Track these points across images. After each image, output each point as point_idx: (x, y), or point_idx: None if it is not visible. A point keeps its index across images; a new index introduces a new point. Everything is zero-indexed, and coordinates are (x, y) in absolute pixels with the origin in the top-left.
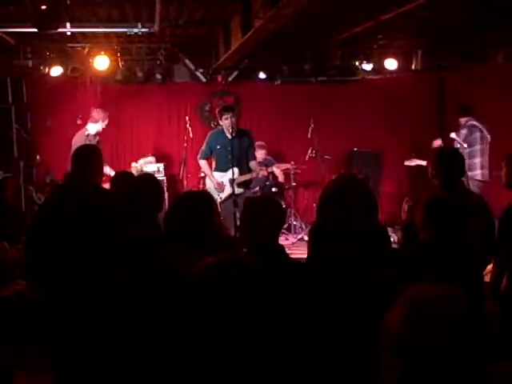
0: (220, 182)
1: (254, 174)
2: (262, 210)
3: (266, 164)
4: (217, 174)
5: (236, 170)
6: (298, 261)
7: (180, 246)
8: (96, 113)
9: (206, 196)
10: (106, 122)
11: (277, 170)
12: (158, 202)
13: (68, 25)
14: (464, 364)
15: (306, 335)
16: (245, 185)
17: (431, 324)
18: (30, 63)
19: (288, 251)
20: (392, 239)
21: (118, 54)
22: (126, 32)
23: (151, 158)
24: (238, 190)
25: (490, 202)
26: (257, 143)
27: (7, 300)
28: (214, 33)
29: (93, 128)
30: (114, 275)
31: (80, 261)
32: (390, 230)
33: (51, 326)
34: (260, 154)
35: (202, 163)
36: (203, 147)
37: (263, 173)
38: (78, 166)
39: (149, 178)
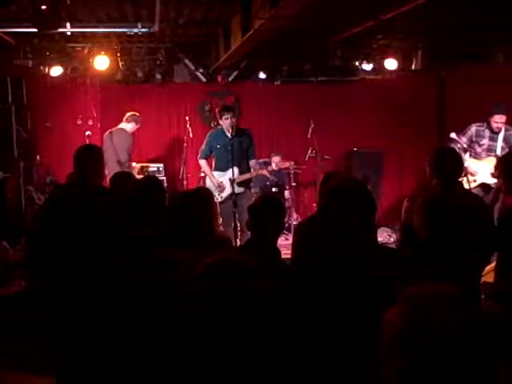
0: (220, 182)
1: (253, 173)
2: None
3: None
4: (217, 174)
5: (236, 169)
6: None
7: (179, 245)
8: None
9: (204, 194)
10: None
11: (277, 165)
12: (159, 203)
13: (68, 25)
14: (463, 364)
15: (306, 335)
16: (245, 184)
17: (431, 324)
18: (30, 63)
19: (288, 251)
20: (392, 239)
21: (118, 54)
22: (125, 32)
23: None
24: (238, 190)
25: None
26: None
27: (7, 300)
28: (213, 33)
29: (132, 127)
30: (115, 275)
31: (80, 260)
32: (389, 229)
33: (51, 326)
34: (280, 164)
35: (202, 163)
36: (203, 147)
37: (263, 172)
38: (78, 166)
39: (151, 179)
